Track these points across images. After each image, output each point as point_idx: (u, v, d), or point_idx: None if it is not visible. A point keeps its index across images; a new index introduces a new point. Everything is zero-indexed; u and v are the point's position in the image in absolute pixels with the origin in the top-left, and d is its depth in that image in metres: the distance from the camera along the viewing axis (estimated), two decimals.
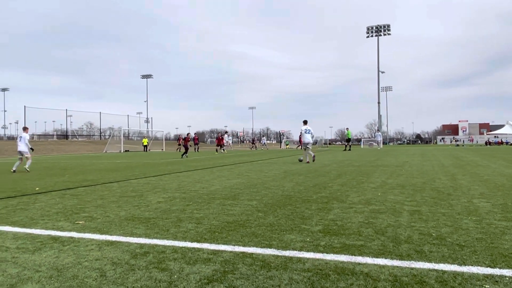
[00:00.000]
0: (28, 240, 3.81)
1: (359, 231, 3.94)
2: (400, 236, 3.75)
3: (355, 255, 3.17)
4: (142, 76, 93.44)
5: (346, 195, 6.44)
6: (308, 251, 3.29)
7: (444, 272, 2.77)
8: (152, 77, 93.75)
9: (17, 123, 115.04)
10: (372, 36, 76.51)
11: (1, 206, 5.82)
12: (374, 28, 75.84)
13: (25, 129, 14.02)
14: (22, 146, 13.36)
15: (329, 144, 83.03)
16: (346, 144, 35.47)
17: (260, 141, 58.37)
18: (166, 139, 53.96)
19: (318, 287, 2.53)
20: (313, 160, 15.77)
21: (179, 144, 41.42)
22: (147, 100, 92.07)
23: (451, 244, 3.46)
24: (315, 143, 52.80)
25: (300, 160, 16.33)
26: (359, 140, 35.11)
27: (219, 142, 34.51)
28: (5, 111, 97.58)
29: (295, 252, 3.27)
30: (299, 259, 3.08)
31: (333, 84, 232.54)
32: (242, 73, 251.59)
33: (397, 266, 2.89)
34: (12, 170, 12.78)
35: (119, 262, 3.08)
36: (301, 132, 17.01)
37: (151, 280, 2.68)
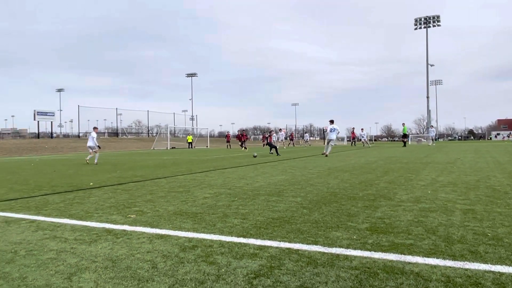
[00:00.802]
0: (85, 232, 4.03)
1: (408, 230, 3.83)
2: (453, 235, 3.60)
3: (404, 254, 3.09)
4: (187, 74, 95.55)
5: (393, 192, 6.26)
6: (355, 248, 3.24)
7: (501, 274, 2.63)
8: (197, 76, 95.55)
9: (71, 121, 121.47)
10: (420, 28, 73.49)
11: (60, 200, 6.19)
12: (422, 19, 72.81)
13: (94, 128, 16.94)
14: (90, 142, 15.97)
15: (375, 140, 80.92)
16: (403, 140, 34.62)
17: (302, 138, 57.54)
18: (210, 136, 54.94)
19: (366, 285, 2.49)
20: (326, 156, 18.19)
21: (228, 141, 42.06)
22: (192, 98, 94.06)
23: (509, 245, 3.28)
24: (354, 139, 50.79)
25: (323, 153, 18.77)
26: (406, 136, 34.04)
27: (264, 139, 35.01)
28: (60, 110, 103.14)
29: (341, 249, 3.23)
30: (346, 257, 3.04)
31: (379, 78, 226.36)
32: (285, 69, 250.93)
33: (450, 267, 2.78)
34: (86, 160, 15.91)
35: (169, 254, 3.19)
36: (327, 130, 20.04)
37: (199, 273, 2.76)
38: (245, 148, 32.61)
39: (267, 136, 30.67)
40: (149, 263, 2.99)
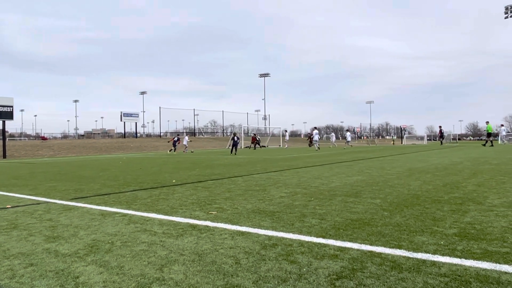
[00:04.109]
0: (171, 226, 4.30)
1: (503, 237, 3.54)
2: None
3: (499, 263, 2.86)
4: (260, 75, 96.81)
5: (484, 196, 5.81)
6: (443, 255, 3.07)
7: None
8: (270, 76, 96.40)
9: (153, 122, 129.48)
10: None
11: (147, 196, 6.65)
12: None
13: (187, 134, 24.69)
14: (184, 142, 29.39)
15: (459, 139, 75.30)
16: (486, 139, 32.56)
17: (378, 137, 55.04)
18: (282, 136, 55.07)
19: None
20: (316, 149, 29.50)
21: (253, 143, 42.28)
22: (264, 98, 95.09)
23: None
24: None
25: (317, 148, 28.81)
26: (495, 135, 31.50)
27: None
28: (143, 111, 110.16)
29: (428, 255, 3.08)
30: (433, 263, 2.90)
31: (463, 73, 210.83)
32: (359, 66, 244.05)
33: None
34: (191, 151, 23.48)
35: (250, 251, 3.28)
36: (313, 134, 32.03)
37: (281, 271, 2.81)
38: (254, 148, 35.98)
39: (311, 136, 34.65)
40: (232, 258, 3.11)
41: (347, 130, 43.80)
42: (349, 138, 42.28)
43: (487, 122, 32.72)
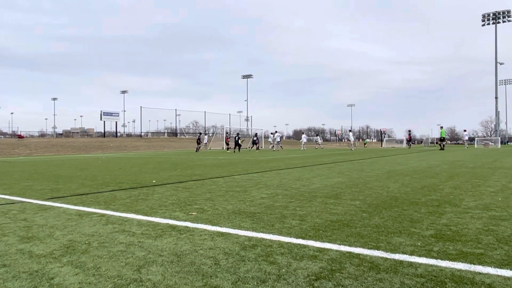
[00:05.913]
0: (150, 227, 4.24)
1: (478, 239, 3.62)
2: None
3: (474, 263, 2.93)
4: (243, 76, 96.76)
5: (460, 198, 5.94)
6: (420, 256, 3.12)
7: None
8: (252, 77, 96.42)
9: (134, 121, 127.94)
10: (488, 24, 68.93)
11: (126, 196, 6.55)
12: (491, 15, 68.23)
13: (206, 134, 24.81)
14: (205, 141, 30.03)
15: (436, 143, 76.85)
16: (440, 143, 33.98)
17: (359, 139, 55.50)
18: (264, 137, 55.23)
19: None
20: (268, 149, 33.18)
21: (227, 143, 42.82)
22: (247, 99, 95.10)
23: None
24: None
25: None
26: (443, 140, 32.72)
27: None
28: (124, 111, 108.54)
29: (405, 256, 3.13)
30: (410, 264, 2.94)
31: (441, 78, 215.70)
32: (341, 70, 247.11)
33: None
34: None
35: (230, 252, 3.27)
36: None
37: (261, 271, 2.80)
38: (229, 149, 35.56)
39: (255, 139, 36.26)
40: (211, 259, 3.09)
41: (350, 131, 43.67)
42: (351, 138, 41.03)
43: (441, 127, 34.24)
